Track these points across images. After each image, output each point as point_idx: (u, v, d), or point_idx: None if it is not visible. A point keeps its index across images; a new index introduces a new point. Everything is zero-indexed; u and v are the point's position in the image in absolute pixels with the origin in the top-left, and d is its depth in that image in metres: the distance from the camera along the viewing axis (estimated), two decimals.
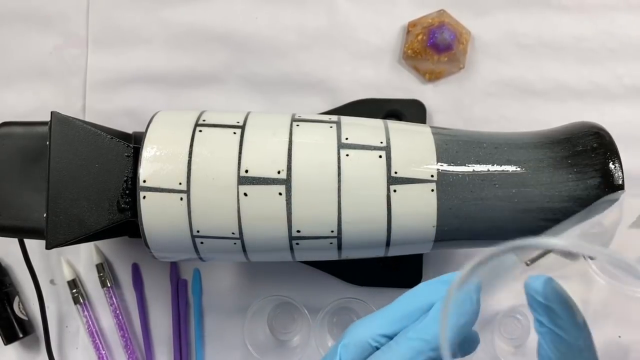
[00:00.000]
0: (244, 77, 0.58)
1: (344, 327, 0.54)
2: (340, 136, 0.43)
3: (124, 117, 0.58)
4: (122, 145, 0.45)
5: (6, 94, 0.59)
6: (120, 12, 0.58)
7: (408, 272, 0.55)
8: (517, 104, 0.56)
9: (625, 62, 0.56)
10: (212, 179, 0.41)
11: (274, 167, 0.41)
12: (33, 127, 0.47)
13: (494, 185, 0.41)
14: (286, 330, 0.55)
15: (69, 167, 0.44)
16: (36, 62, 0.59)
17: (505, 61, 0.56)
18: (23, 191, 0.46)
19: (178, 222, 0.42)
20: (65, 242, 0.43)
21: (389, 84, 0.57)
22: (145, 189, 0.41)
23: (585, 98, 0.56)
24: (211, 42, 0.58)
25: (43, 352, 0.56)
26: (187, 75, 0.58)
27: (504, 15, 0.56)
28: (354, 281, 0.55)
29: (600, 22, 0.56)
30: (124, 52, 0.58)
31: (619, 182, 0.40)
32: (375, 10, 0.57)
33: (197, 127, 0.43)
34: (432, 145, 0.43)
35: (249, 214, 0.41)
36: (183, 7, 0.58)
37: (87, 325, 0.57)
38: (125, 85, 0.58)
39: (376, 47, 0.57)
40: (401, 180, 0.41)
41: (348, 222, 0.41)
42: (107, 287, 0.57)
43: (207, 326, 0.57)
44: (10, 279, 0.58)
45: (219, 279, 0.57)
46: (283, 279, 0.56)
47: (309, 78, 0.57)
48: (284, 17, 0.57)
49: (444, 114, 0.56)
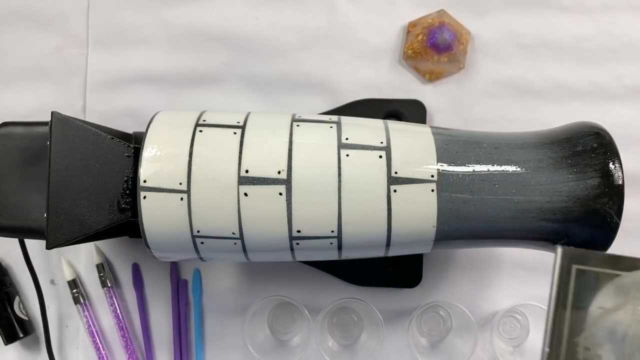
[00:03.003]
0: (244, 77, 0.58)
1: (344, 327, 0.54)
2: (341, 136, 0.43)
3: (124, 117, 0.58)
4: (122, 146, 0.45)
5: (6, 94, 0.59)
6: (120, 12, 0.58)
7: (408, 272, 0.55)
8: (517, 104, 0.56)
9: (625, 62, 0.56)
10: (212, 179, 0.41)
11: (274, 167, 0.41)
12: (33, 127, 0.47)
13: (494, 185, 0.41)
14: (286, 330, 0.55)
15: (70, 167, 0.44)
16: (36, 62, 0.59)
17: (505, 61, 0.56)
18: (23, 191, 0.46)
19: (178, 222, 0.42)
20: (65, 242, 0.43)
21: (389, 84, 0.57)
22: (145, 189, 0.41)
23: (586, 98, 0.56)
24: (211, 42, 0.58)
25: (43, 352, 0.56)
26: (187, 75, 0.58)
27: (504, 15, 0.57)
28: (354, 281, 0.55)
29: (600, 23, 0.56)
30: (124, 52, 0.58)
31: (619, 182, 0.40)
32: (375, 10, 0.57)
33: (197, 127, 0.43)
34: (432, 145, 0.43)
35: (249, 214, 0.41)
36: (183, 7, 0.58)
37: (88, 325, 0.57)
38: (126, 86, 0.58)
39: (376, 48, 0.57)
40: (401, 181, 0.41)
41: (348, 222, 0.41)
42: (108, 287, 0.57)
43: (207, 326, 0.57)
44: (11, 279, 0.58)
45: (219, 279, 0.57)
46: (283, 279, 0.56)
47: (309, 78, 0.57)
48: (284, 17, 0.57)
49: (444, 114, 0.56)
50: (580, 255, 0.31)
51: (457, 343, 0.54)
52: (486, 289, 0.56)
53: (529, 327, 0.53)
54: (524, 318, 0.53)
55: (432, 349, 0.55)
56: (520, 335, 0.53)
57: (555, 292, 0.31)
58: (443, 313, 0.53)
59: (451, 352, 0.54)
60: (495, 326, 0.53)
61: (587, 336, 0.30)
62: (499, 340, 0.54)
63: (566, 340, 0.30)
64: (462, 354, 0.53)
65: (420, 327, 0.53)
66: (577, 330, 0.31)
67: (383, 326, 0.52)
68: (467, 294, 0.55)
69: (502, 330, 0.53)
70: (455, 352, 0.54)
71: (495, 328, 0.54)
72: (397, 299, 0.56)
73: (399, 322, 0.56)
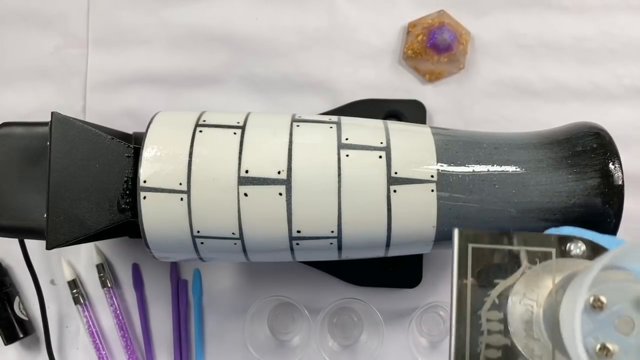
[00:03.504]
0: (244, 77, 0.58)
1: (344, 328, 0.54)
2: (341, 136, 0.43)
3: (124, 118, 0.58)
4: (122, 146, 0.45)
5: (6, 94, 0.59)
6: (121, 12, 0.58)
7: (408, 272, 0.55)
8: (517, 104, 0.56)
9: (625, 62, 0.56)
10: (212, 179, 0.41)
11: (274, 167, 0.41)
12: (33, 128, 0.47)
13: (493, 186, 0.41)
14: (286, 330, 0.55)
15: (70, 168, 0.44)
16: (36, 63, 0.59)
17: (505, 61, 0.56)
18: (23, 191, 0.46)
19: (178, 222, 0.42)
20: (65, 243, 0.43)
21: (389, 84, 0.57)
22: (145, 189, 0.41)
23: (585, 98, 0.56)
24: (211, 42, 0.58)
25: (43, 352, 0.56)
26: (187, 76, 0.58)
27: (504, 15, 0.56)
28: (354, 281, 0.55)
29: (600, 23, 0.56)
30: (124, 52, 0.58)
31: (619, 183, 0.40)
32: (375, 10, 0.57)
33: (197, 127, 0.43)
34: (432, 145, 0.43)
35: (249, 214, 0.41)
36: (183, 7, 0.58)
37: (88, 325, 0.57)
38: (126, 86, 0.58)
39: (376, 48, 0.57)
40: (401, 181, 0.41)
41: (348, 223, 0.42)
42: (108, 287, 0.57)
43: (207, 326, 0.57)
44: (11, 279, 0.58)
45: (219, 279, 0.57)
46: (283, 279, 0.56)
47: (309, 78, 0.57)
48: (284, 18, 0.58)
49: (444, 114, 0.56)
50: (473, 235, 0.34)
51: None
52: None
53: None
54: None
55: (432, 349, 0.55)
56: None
57: (457, 270, 0.34)
58: (443, 313, 0.53)
59: None
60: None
61: (488, 307, 0.33)
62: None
63: (470, 314, 0.33)
64: None
65: (420, 327, 0.53)
66: (478, 303, 0.33)
67: (383, 326, 0.52)
68: None
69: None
70: None
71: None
72: (397, 299, 0.56)
73: (399, 322, 0.55)
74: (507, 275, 0.34)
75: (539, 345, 0.33)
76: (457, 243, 0.34)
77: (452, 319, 0.33)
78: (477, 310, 0.33)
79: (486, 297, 0.34)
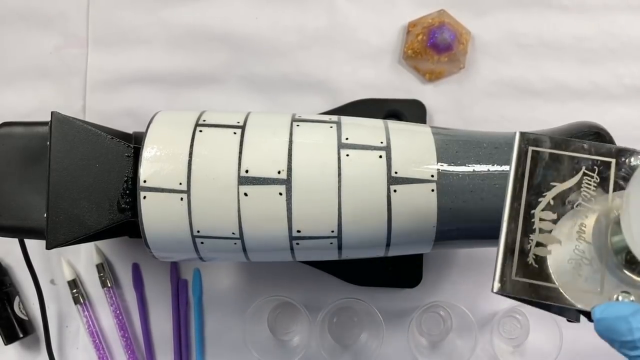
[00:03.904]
0: (244, 77, 0.58)
1: (344, 328, 0.54)
2: (341, 136, 0.43)
3: (124, 117, 0.58)
4: (122, 146, 0.45)
5: (6, 94, 0.59)
6: (120, 12, 0.58)
7: (408, 272, 0.55)
8: (517, 104, 0.56)
9: (625, 62, 0.56)
10: (212, 179, 0.41)
11: (274, 167, 0.41)
12: (33, 127, 0.47)
13: (494, 185, 0.41)
14: (286, 330, 0.55)
15: (70, 167, 0.44)
16: (36, 62, 0.59)
17: (505, 61, 0.56)
18: (23, 191, 0.46)
19: (178, 222, 0.42)
20: (65, 242, 0.43)
21: (389, 84, 0.57)
22: (145, 189, 0.41)
23: (586, 98, 0.56)
24: (211, 42, 0.58)
25: (43, 352, 0.56)
26: (187, 75, 0.58)
27: (504, 15, 0.56)
28: (354, 281, 0.55)
29: (600, 23, 0.56)
30: (124, 52, 0.58)
31: None
32: (375, 10, 0.57)
33: (197, 127, 0.43)
34: (432, 145, 0.43)
35: (249, 214, 0.41)
36: (183, 7, 0.58)
37: (88, 325, 0.57)
38: (126, 86, 0.58)
39: (376, 47, 0.57)
40: (401, 180, 0.41)
41: (348, 222, 0.41)
42: (108, 287, 0.57)
43: (207, 326, 0.57)
44: (11, 279, 0.58)
45: (219, 279, 0.57)
46: (283, 279, 0.56)
47: (309, 78, 0.57)
48: (284, 18, 0.57)
49: (444, 114, 0.56)
50: (535, 139, 0.35)
51: (457, 343, 0.54)
52: (486, 289, 0.55)
53: (529, 327, 0.53)
54: (524, 318, 0.53)
55: (432, 349, 0.55)
56: (520, 336, 0.53)
57: (514, 171, 0.34)
58: (443, 313, 0.53)
59: (451, 352, 0.54)
60: (495, 326, 0.53)
61: (542, 207, 0.34)
62: (499, 340, 0.54)
63: (523, 212, 0.34)
64: (462, 354, 0.53)
65: (420, 327, 0.53)
66: (534, 202, 0.34)
67: (383, 326, 0.52)
68: (467, 294, 0.55)
69: (502, 330, 0.53)
70: (455, 352, 0.54)
71: (495, 328, 0.54)
72: (397, 299, 0.56)
73: (399, 322, 0.55)
74: (565, 179, 0.34)
75: (589, 249, 0.33)
76: (518, 145, 0.34)
77: (504, 215, 0.34)
78: (531, 209, 0.34)
79: (541, 198, 0.34)
